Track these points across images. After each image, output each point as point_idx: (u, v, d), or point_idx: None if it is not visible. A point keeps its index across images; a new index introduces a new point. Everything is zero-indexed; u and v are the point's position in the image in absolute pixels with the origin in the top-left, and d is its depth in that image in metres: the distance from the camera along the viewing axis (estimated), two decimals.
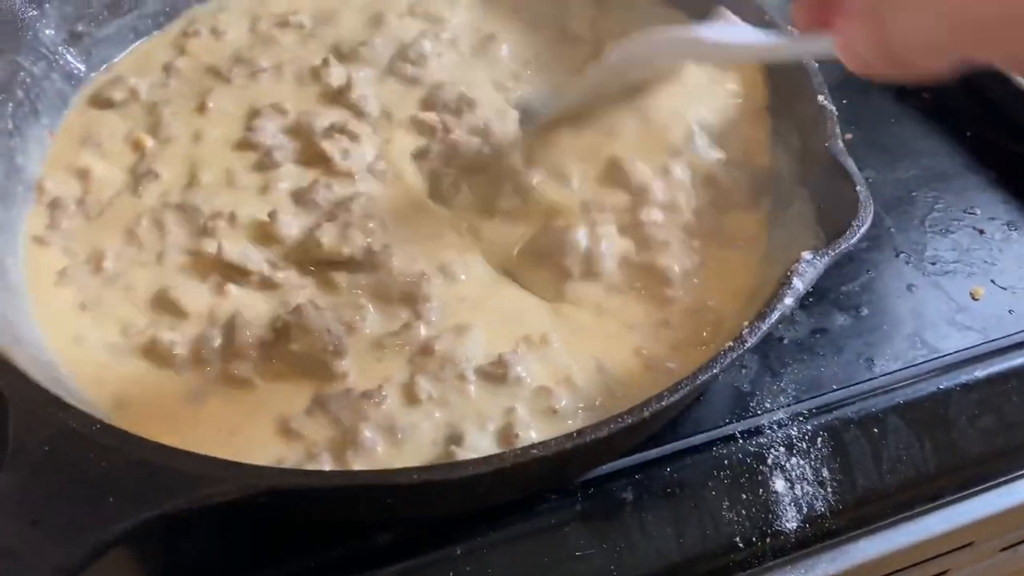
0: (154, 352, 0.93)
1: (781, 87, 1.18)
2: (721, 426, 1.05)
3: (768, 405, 1.08)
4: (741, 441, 1.03)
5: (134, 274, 1.02)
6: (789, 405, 1.07)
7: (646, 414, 0.82)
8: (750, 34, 1.01)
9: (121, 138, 1.24)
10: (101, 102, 1.28)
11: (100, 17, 1.32)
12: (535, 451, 0.78)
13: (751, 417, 1.06)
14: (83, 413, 0.81)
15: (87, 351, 0.94)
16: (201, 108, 1.26)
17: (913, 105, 1.43)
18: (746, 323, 0.89)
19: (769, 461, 1.02)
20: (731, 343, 0.87)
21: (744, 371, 1.11)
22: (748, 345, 0.87)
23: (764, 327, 0.88)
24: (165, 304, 0.97)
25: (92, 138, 1.24)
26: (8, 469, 0.76)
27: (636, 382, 0.89)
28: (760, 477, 1.01)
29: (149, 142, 1.21)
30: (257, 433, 0.86)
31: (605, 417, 0.77)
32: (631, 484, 0.98)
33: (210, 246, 1.00)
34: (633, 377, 0.90)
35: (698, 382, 0.84)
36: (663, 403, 0.82)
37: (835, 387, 1.09)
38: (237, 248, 0.99)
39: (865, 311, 1.15)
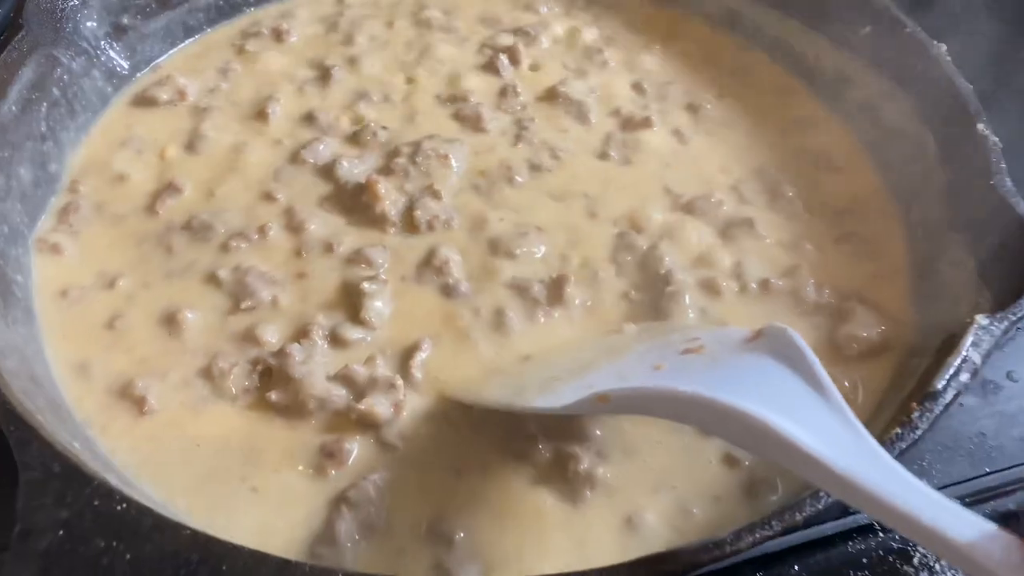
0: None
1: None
2: (855, 512, 0.88)
3: None
4: (882, 535, 0.86)
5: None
6: (938, 489, 0.90)
7: (799, 518, 0.65)
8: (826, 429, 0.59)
9: (162, 142, 1.10)
10: (145, 101, 1.14)
11: (148, 9, 1.18)
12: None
13: None
14: (108, 486, 0.66)
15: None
16: (260, 115, 1.14)
17: None
18: (915, 405, 0.72)
19: (915, 561, 0.85)
20: (899, 429, 0.71)
21: None
22: (919, 434, 0.70)
23: (937, 410, 0.71)
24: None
25: (132, 141, 1.10)
26: (14, 557, 0.61)
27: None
28: None
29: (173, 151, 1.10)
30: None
31: None
32: None
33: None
34: None
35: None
36: (819, 505, 0.66)
37: (988, 469, 0.91)
38: None
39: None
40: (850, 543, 0.86)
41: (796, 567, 0.84)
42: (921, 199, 1.02)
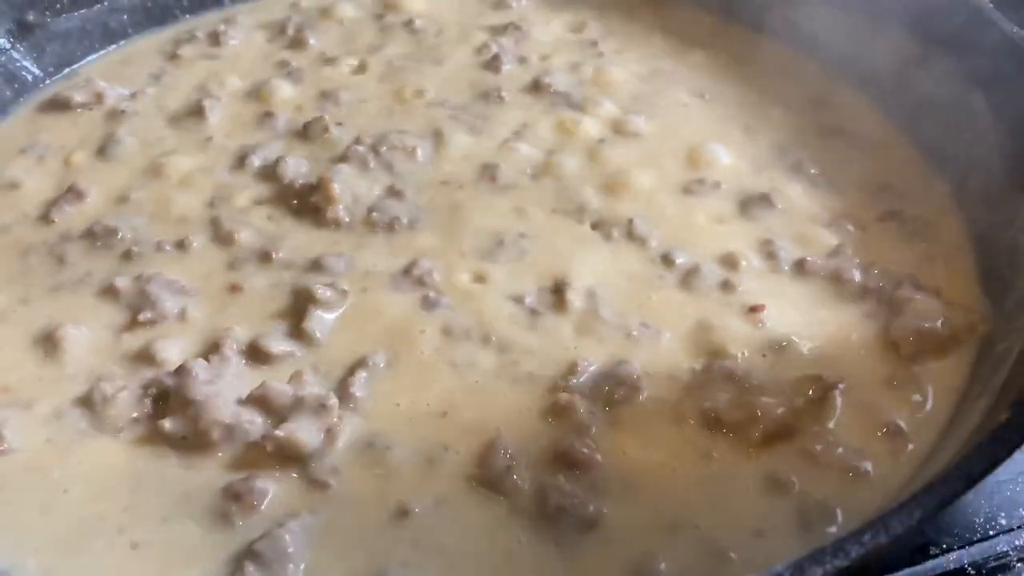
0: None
1: None
2: (938, 553, 0.67)
3: (1003, 521, 0.70)
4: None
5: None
6: None
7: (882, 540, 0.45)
8: None
9: (70, 148, 0.94)
10: (55, 105, 0.99)
11: (58, 5, 1.03)
12: None
13: (981, 540, 0.68)
14: None
15: None
16: (191, 117, 0.99)
17: None
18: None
19: None
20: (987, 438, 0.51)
21: None
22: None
23: None
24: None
25: (35, 148, 0.94)
26: None
27: None
28: None
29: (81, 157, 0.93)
30: None
31: None
32: None
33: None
34: None
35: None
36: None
37: None
38: None
39: None
40: None
41: None
42: (975, 167, 0.85)
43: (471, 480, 0.64)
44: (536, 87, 1.01)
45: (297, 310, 0.76)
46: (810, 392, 0.68)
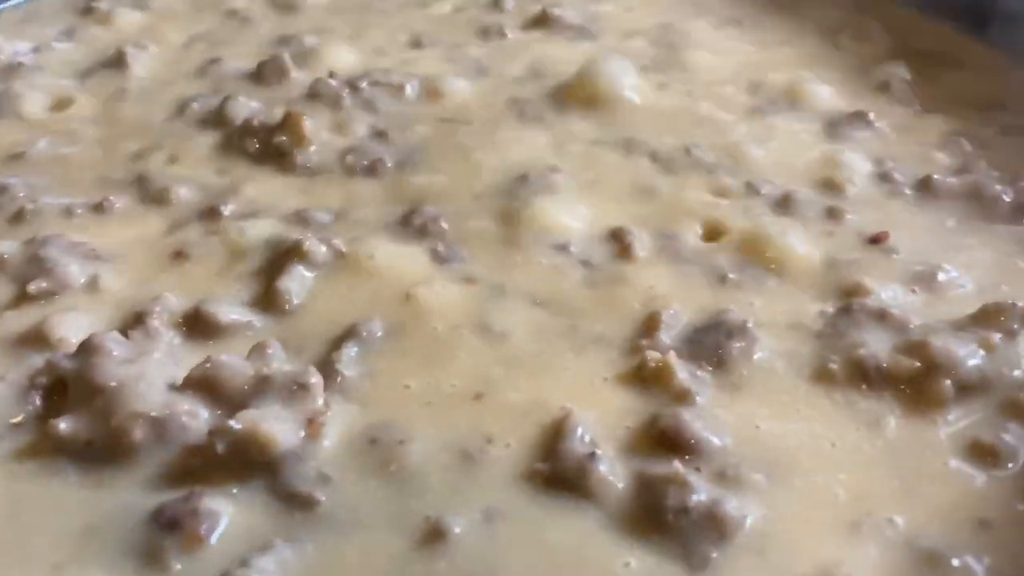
0: None
1: None
2: None
3: None
4: None
5: None
6: None
7: None
8: None
9: None
10: None
11: None
12: None
13: None
14: None
15: None
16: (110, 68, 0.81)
17: None
18: None
19: None
20: None
21: None
22: None
23: None
24: None
25: None
26: None
27: None
28: None
29: None
30: None
31: None
32: None
33: None
34: None
35: None
36: None
37: None
38: None
39: None
40: None
41: None
42: None
43: (535, 479, 0.42)
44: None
45: (267, 270, 0.55)
46: (998, 324, 0.48)
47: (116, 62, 0.80)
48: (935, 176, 0.62)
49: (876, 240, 0.57)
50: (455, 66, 0.78)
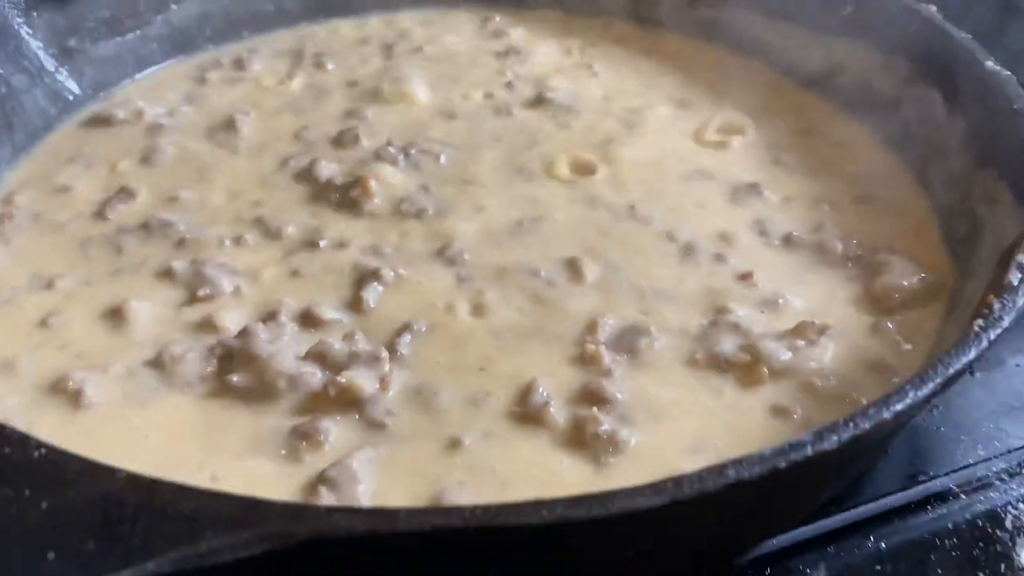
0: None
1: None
2: (927, 479, 0.75)
3: (981, 452, 0.79)
4: (963, 497, 0.73)
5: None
6: (1014, 450, 0.78)
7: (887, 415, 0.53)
8: None
9: (114, 158, 1.02)
10: (98, 121, 1.08)
11: (97, 33, 1.12)
12: (731, 471, 0.49)
13: (965, 467, 0.77)
14: (20, 434, 0.52)
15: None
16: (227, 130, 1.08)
17: None
18: (992, 298, 0.62)
19: (1008, 524, 0.72)
20: (981, 321, 0.59)
21: (935, 412, 0.82)
22: (1006, 323, 0.59)
23: (1019, 301, 0.60)
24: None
25: (80, 158, 1.02)
26: None
27: None
28: (999, 547, 0.70)
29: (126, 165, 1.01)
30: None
31: None
32: (823, 560, 0.69)
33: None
34: None
35: (951, 372, 0.55)
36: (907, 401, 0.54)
37: None
38: None
39: None
40: (929, 507, 0.73)
41: (871, 538, 0.71)
42: (937, 154, 0.95)
43: (513, 416, 0.72)
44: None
45: (354, 285, 0.84)
46: (805, 335, 0.77)
47: (228, 125, 1.08)
48: (795, 232, 0.90)
49: (744, 277, 0.86)
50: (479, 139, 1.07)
